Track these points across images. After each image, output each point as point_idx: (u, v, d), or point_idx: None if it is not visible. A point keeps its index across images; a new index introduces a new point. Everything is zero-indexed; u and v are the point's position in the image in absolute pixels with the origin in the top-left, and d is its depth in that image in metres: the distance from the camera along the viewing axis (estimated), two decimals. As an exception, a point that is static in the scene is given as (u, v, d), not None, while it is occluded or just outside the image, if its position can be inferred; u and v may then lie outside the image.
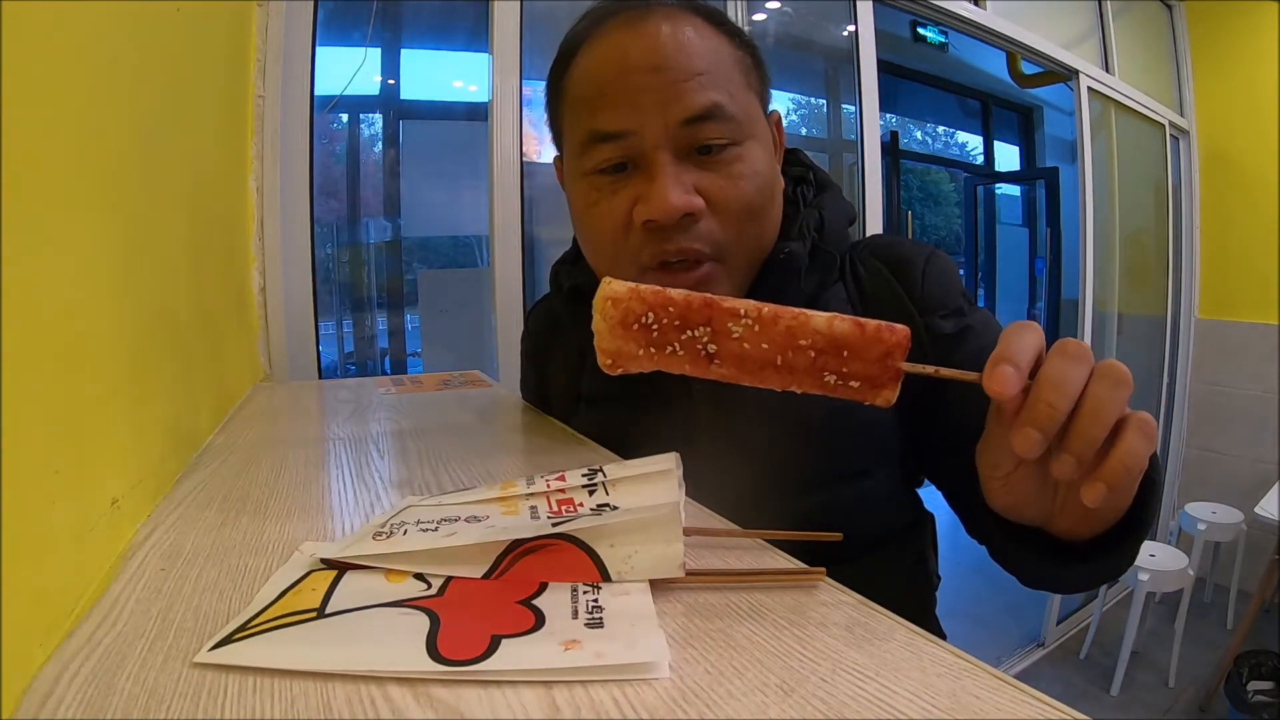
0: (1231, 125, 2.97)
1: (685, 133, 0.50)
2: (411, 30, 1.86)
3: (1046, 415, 0.33)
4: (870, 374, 0.35)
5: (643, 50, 0.50)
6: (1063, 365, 0.33)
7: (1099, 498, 0.33)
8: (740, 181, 0.52)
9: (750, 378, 0.36)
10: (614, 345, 0.37)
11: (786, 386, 0.36)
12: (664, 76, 0.50)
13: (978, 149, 4.60)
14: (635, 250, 0.52)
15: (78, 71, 0.39)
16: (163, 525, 0.42)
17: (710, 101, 0.50)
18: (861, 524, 0.56)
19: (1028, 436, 0.33)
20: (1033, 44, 2.32)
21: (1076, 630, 2.61)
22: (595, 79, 0.52)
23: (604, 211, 0.53)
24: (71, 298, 0.36)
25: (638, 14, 0.52)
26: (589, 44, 0.54)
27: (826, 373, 0.36)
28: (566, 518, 0.35)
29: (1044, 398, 0.33)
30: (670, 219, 0.50)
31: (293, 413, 0.84)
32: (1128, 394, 0.33)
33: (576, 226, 0.58)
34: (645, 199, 0.50)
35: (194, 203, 0.73)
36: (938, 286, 0.59)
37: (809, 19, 2.25)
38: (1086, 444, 0.33)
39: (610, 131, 0.51)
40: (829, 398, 0.56)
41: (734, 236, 0.53)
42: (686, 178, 0.50)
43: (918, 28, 3.16)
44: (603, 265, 0.57)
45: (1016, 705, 0.24)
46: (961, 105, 4.41)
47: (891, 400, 0.36)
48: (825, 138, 2.84)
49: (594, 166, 0.53)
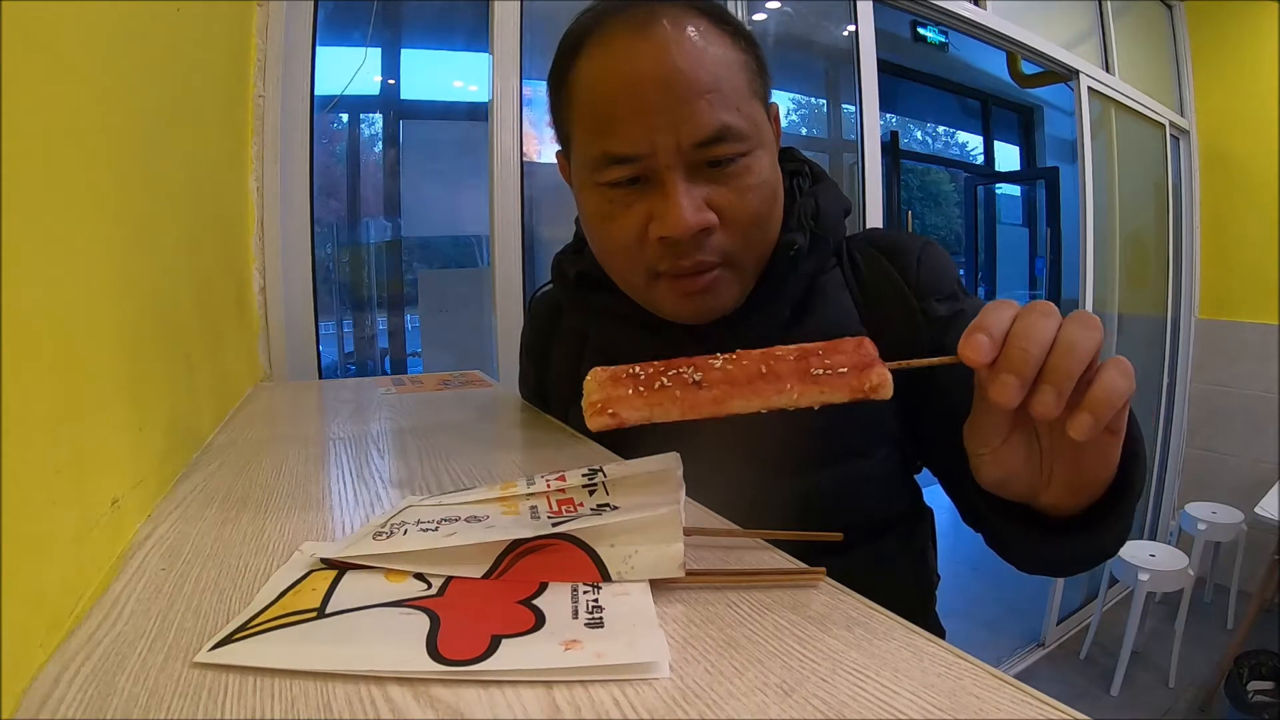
0: (1231, 125, 2.97)
1: (697, 153, 0.51)
2: (411, 30, 1.87)
3: (1020, 359, 0.34)
4: (853, 361, 0.36)
5: (652, 62, 0.50)
6: (1031, 318, 0.35)
7: (1085, 429, 0.34)
8: (749, 194, 0.53)
9: (741, 392, 0.36)
10: (603, 393, 0.38)
11: (779, 392, 0.36)
12: (675, 94, 0.50)
13: (978, 149, 4.60)
14: (651, 261, 0.54)
15: (78, 71, 0.39)
16: (163, 525, 0.42)
17: (720, 123, 0.51)
18: (861, 505, 0.57)
19: (1004, 383, 0.34)
20: (1033, 44, 2.32)
21: (1076, 630, 2.61)
22: (605, 94, 0.52)
23: (619, 225, 0.54)
24: (71, 298, 0.36)
25: (643, 15, 0.52)
26: (594, 44, 0.53)
27: (813, 368, 0.36)
28: (567, 518, 0.35)
29: (1016, 344, 0.34)
30: (685, 236, 0.51)
31: (293, 412, 0.84)
32: (1099, 337, 0.35)
33: (588, 230, 0.59)
34: (661, 218, 0.52)
35: (194, 203, 0.73)
36: (933, 273, 0.60)
37: (809, 19, 2.25)
38: (1063, 376, 0.34)
39: (624, 155, 0.52)
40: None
41: (742, 245, 0.54)
42: (698, 193, 0.52)
43: (918, 28, 3.17)
44: (615, 272, 0.58)
45: (1016, 705, 0.24)
46: (961, 105, 4.42)
47: (886, 379, 0.36)
48: (825, 138, 2.85)
49: (607, 181, 0.54)
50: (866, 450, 0.59)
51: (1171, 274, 2.98)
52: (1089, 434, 0.34)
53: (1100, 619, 2.52)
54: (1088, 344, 0.34)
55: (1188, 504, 2.65)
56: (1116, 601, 2.67)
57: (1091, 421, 0.34)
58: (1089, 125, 2.47)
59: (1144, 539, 2.77)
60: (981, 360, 0.34)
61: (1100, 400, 0.34)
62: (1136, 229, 2.79)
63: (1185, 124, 3.04)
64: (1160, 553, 2.31)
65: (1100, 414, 0.34)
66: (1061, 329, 0.35)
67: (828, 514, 0.40)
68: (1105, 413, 0.34)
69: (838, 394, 0.36)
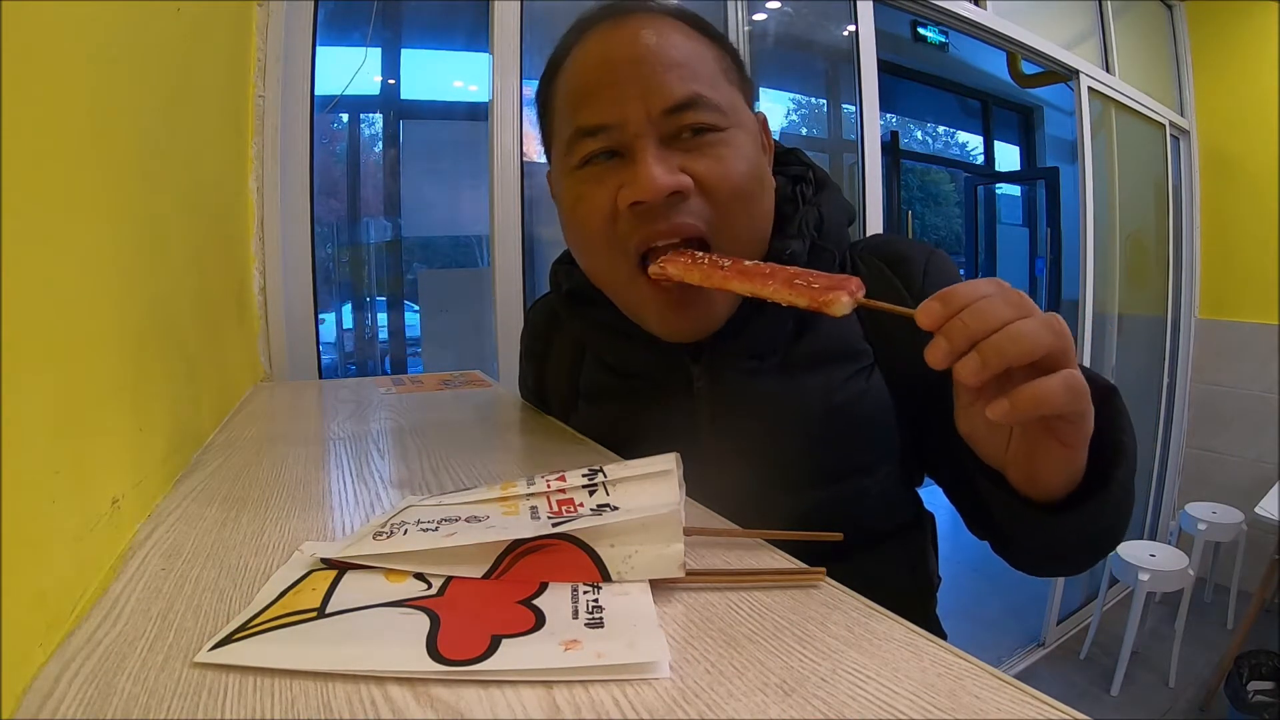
0: (1231, 125, 2.97)
1: (669, 120, 0.50)
2: (411, 30, 1.86)
3: (958, 329, 0.36)
4: (825, 283, 0.44)
5: (623, 45, 0.51)
6: (991, 300, 0.37)
7: (998, 412, 0.36)
8: (727, 163, 0.52)
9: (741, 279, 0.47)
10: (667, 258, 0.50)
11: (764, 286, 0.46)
12: (644, 68, 0.50)
13: (978, 149, 4.60)
14: (624, 237, 0.52)
15: (78, 72, 0.39)
16: (163, 525, 0.42)
17: (691, 91, 0.51)
18: (862, 520, 0.56)
19: (936, 345, 0.37)
20: (1033, 44, 2.32)
21: (1076, 630, 2.61)
22: (579, 79, 0.53)
23: (589, 203, 0.52)
24: (72, 297, 0.36)
25: (619, 18, 0.53)
26: (573, 53, 0.55)
27: (797, 279, 0.45)
28: (567, 518, 0.35)
29: (961, 316, 0.37)
30: (657, 197, 0.49)
31: (293, 412, 0.84)
32: (1055, 341, 0.36)
33: (566, 228, 0.58)
34: (630, 182, 0.50)
35: (194, 203, 0.73)
36: (938, 285, 0.59)
37: (809, 19, 2.25)
38: (993, 351, 0.36)
39: (594, 125, 0.51)
40: (829, 398, 0.56)
41: (723, 216, 0.52)
42: (672, 160, 0.51)
43: (918, 28, 3.16)
44: (593, 261, 0.56)
45: (1016, 705, 0.24)
46: (962, 105, 4.42)
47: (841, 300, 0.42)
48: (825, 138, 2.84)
49: (579, 160, 0.53)
50: (869, 466, 0.58)
51: (1171, 274, 2.98)
52: (1002, 418, 0.36)
53: (1100, 619, 2.51)
54: (1037, 337, 0.36)
55: (1188, 504, 2.64)
56: (1116, 601, 2.67)
57: (1007, 408, 0.36)
58: (1089, 125, 2.47)
59: (1144, 539, 2.77)
60: (926, 324, 0.38)
61: (1025, 396, 0.36)
62: (1136, 229, 2.79)
63: (1185, 124, 3.04)
64: (1160, 553, 2.31)
65: (1020, 406, 0.36)
66: (1020, 320, 0.36)
67: (829, 529, 0.40)
68: (1026, 407, 0.36)
69: (800, 299, 0.44)
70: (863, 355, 0.59)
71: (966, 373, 0.36)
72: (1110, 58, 2.69)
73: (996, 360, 0.35)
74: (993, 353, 0.35)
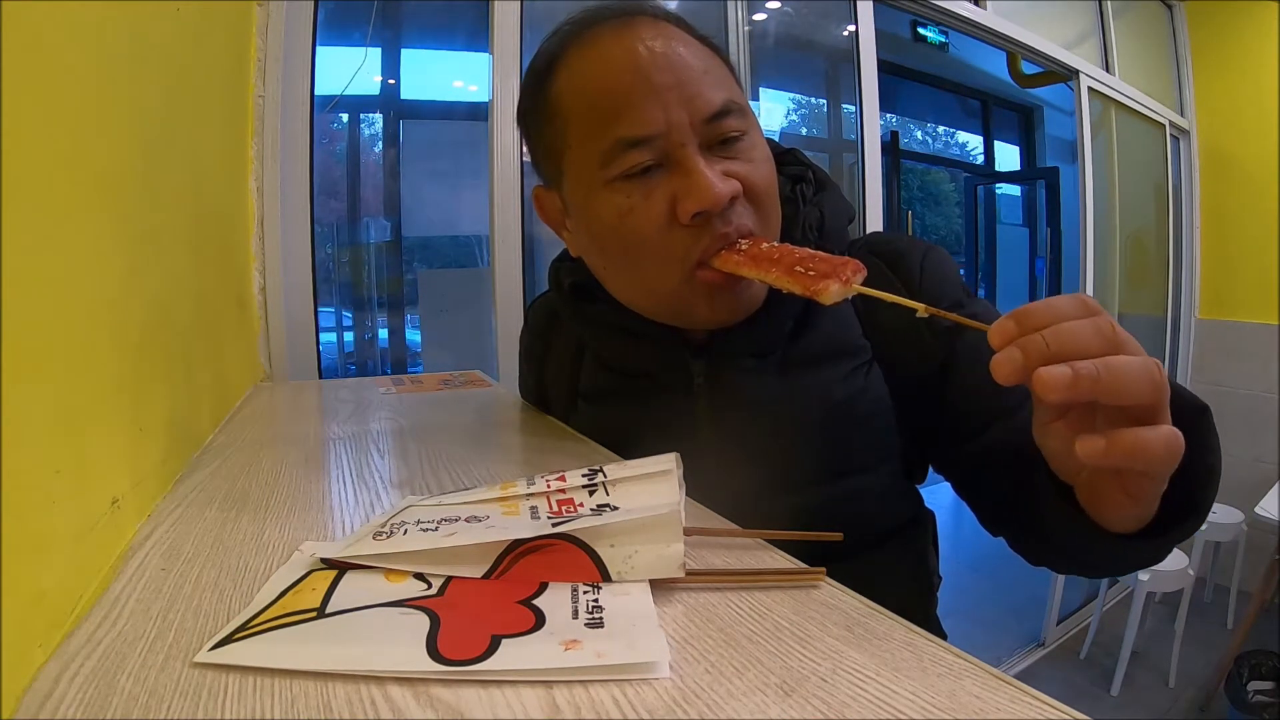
0: (1231, 125, 2.97)
1: (709, 128, 0.51)
2: (411, 30, 1.87)
3: (1037, 350, 0.33)
4: (822, 270, 0.45)
5: (649, 48, 0.51)
6: (1079, 329, 0.33)
7: (1090, 451, 0.33)
8: (760, 165, 0.53)
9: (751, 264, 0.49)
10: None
11: (768, 272, 0.48)
12: (680, 73, 0.51)
13: (978, 149, 4.60)
14: (685, 246, 0.52)
15: (78, 71, 0.39)
16: (163, 525, 0.42)
17: (726, 98, 0.52)
18: (862, 520, 0.56)
19: (1008, 357, 0.33)
20: (1033, 44, 2.32)
21: (1076, 630, 2.61)
22: (606, 85, 0.51)
23: (643, 216, 0.52)
24: (72, 297, 0.36)
25: (623, 22, 0.53)
26: (578, 55, 0.53)
27: (798, 265, 0.46)
28: (567, 518, 0.35)
29: (1044, 336, 0.33)
30: (718, 206, 0.50)
31: (293, 413, 0.84)
32: (1157, 395, 0.33)
33: (604, 240, 0.55)
34: (689, 194, 0.50)
35: (194, 203, 0.73)
36: (936, 281, 0.59)
37: (809, 19, 2.25)
38: (1090, 381, 0.32)
39: (641, 136, 0.50)
40: (829, 396, 0.56)
41: (762, 219, 0.54)
42: (716, 166, 0.51)
43: (918, 28, 3.16)
44: (640, 272, 0.54)
45: (1016, 705, 0.24)
46: (962, 105, 4.41)
47: (830, 289, 0.43)
48: (825, 138, 2.84)
49: (622, 172, 0.52)
50: (869, 465, 0.58)
51: (1171, 274, 2.98)
52: (1091, 458, 0.33)
53: (1100, 619, 2.51)
54: (1140, 387, 0.32)
55: (1188, 504, 2.64)
56: (1116, 601, 2.67)
57: (1101, 451, 0.33)
58: (1089, 125, 2.47)
59: (1144, 539, 2.77)
60: (997, 344, 0.34)
61: (1125, 444, 0.32)
62: (1136, 229, 2.79)
63: (1185, 124, 3.04)
64: (1160, 553, 2.31)
65: (1115, 453, 0.32)
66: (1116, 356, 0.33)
67: (829, 529, 0.40)
68: (1120, 456, 0.33)
69: (794, 286, 0.46)
70: (861, 351, 0.59)
71: (1045, 385, 0.32)
72: (1110, 58, 2.69)
73: (1086, 381, 0.32)
74: (1088, 383, 0.32)
